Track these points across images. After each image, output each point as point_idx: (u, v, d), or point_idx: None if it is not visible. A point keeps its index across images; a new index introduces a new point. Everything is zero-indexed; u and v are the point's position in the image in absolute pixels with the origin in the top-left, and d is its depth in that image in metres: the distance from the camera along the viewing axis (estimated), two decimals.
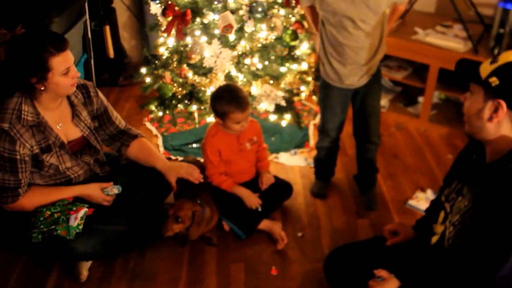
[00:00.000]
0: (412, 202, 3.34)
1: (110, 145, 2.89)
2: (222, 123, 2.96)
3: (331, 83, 3.05)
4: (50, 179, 2.60)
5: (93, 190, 2.68)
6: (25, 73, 2.34)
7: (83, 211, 2.55)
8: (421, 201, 3.30)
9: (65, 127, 2.59)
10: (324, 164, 3.47)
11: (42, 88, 2.37)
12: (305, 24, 3.94)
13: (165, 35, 3.61)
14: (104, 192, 2.69)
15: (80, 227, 2.51)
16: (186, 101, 3.75)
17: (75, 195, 2.65)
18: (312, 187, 3.51)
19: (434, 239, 1.99)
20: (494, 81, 1.68)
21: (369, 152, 3.27)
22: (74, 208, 2.56)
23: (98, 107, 2.74)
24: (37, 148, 2.46)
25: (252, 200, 3.06)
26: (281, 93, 3.78)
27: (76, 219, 2.51)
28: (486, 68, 1.71)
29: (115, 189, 2.71)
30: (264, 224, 3.06)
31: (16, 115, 2.38)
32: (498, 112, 1.70)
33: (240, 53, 3.60)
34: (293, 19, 3.81)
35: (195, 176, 2.75)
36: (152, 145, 2.94)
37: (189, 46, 3.50)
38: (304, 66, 3.94)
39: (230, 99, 2.87)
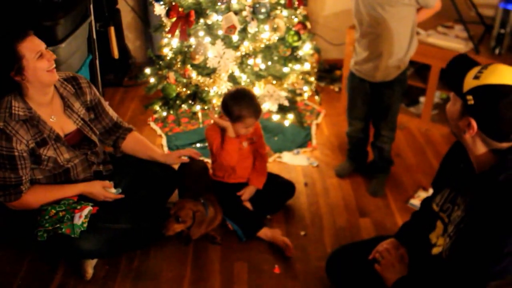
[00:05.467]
0: (413, 201, 3.36)
1: (106, 140, 2.93)
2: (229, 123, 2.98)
3: (353, 71, 3.28)
4: (50, 172, 2.62)
5: (95, 188, 2.70)
6: (1, 69, 2.38)
7: (88, 209, 2.58)
8: None
9: (59, 120, 2.61)
10: (351, 149, 3.67)
11: (23, 79, 2.39)
12: (308, 24, 3.97)
13: (169, 36, 3.63)
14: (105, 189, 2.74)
15: (85, 225, 2.54)
16: (190, 101, 3.77)
17: (79, 192, 2.68)
18: (337, 166, 3.72)
19: (435, 250, 1.99)
20: (470, 99, 1.68)
21: (380, 142, 3.44)
22: (79, 207, 2.59)
23: (92, 97, 2.77)
24: (33, 142, 2.48)
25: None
26: (284, 93, 3.79)
27: (81, 217, 2.54)
28: (469, 83, 1.70)
29: (113, 190, 2.76)
30: (265, 234, 3.04)
31: (8, 112, 2.41)
32: (470, 129, 1.71)
33: (243, 53, 3.61)
34: (295, 20, 3.82)
35: (193, 153, 3.08)
36: (144, 139, 3.06)
37: (193, 46, 3.52)
38: (306, 66, 3.95)
39: (249, 104, 2.91)
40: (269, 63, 3.76)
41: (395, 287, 2.05)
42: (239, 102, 2.91)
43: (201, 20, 3.52)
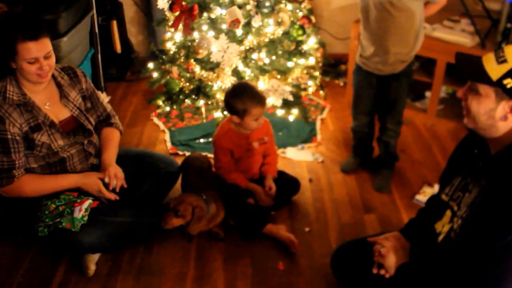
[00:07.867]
0: (419, 197, 3.33)
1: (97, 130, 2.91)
2: (240, 121, 2.94)
3: (360, 65, 3.25)
4: (44, 160, 2.60)
5: (90, 178, 2.67)
6: (1, 54, 2.41)
7: (88, 202, 2.58)
8: (428, 196, 3.28)
9: (54, 108, 2.61)
10: (356, 145, 3.65)
11: (14, 67, 2.42)
12: (312, 18, 3.94)
13: (172, 30, 3.61)
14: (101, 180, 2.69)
15: (85, 218, 2.53)
16: (193, 96, 3.76)
17: (74, 181, 2.65)
18: (342, 161, 3.69)
19: (441, 237, 1.98)
20: (509, 82, 1.67)
21: (386, 137, 3.42)
22: (79, 200, 2.58)
23: (87, 86, 2.77)
24: (26, 126, 2.48)
25: (264, 199, 3.10)
26: (288, 88, 3.78)
27: (81, 210, 2.53)
28: (496, 69, 1.69)
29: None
30: (269, 230, 3.02)
31: (2, 96, 2.43)
32: None
33: (247, 48, 3.60)
34: (300, 14, 3.80)
35: (112, 182, 2.69)
36: (116, 139, 2.93)
37: (197, 41, 3.50)
38: (311, 61, 3.93)
39: (251, 95, 2.89)
40: (274, 57, 3.75)
41: (398, 273, 2.02)
42: (240, 97, 2.89)
43: (205, 14, 3.51)
